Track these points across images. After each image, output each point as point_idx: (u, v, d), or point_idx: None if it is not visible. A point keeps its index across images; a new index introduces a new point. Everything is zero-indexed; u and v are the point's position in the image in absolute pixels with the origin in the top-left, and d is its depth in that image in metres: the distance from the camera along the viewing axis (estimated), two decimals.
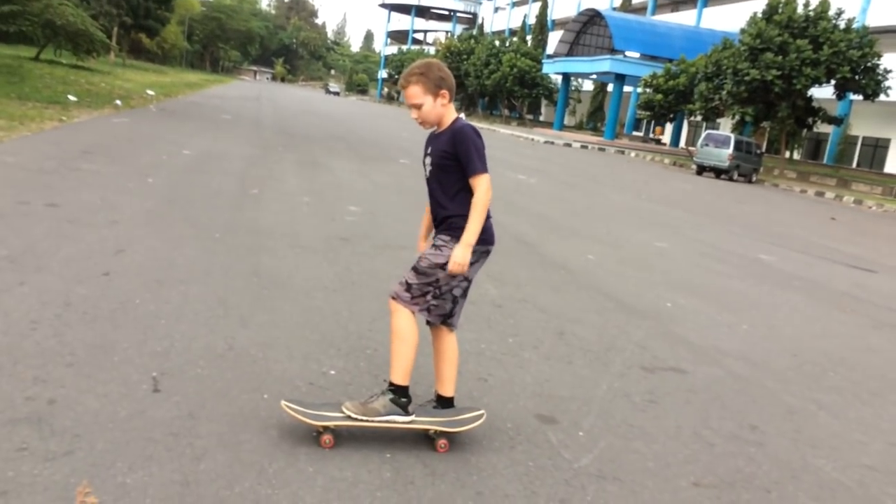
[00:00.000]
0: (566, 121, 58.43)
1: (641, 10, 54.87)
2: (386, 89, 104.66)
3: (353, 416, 2.92)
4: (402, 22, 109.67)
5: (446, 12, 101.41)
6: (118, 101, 19.91)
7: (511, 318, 5.06)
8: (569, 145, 38.07)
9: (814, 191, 26.19)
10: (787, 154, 34.67)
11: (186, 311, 4.24)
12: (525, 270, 6.70)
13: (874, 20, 33.24)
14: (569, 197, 13.83)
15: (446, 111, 3.03)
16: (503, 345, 4.46)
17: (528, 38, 64.68)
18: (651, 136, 51.91)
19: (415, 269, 3.02)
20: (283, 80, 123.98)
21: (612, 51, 45.16)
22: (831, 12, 27.40)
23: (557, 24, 63.92)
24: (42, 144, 10.30)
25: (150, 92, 26.82)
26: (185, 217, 6.86)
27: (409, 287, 3.01)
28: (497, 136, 39.04)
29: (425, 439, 3.04)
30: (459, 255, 2.88)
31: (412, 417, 3.00)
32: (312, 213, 8.17)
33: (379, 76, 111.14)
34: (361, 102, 77.35)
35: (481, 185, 2.92)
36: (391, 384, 2.99)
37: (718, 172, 27.48)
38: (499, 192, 12.66)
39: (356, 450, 2.90)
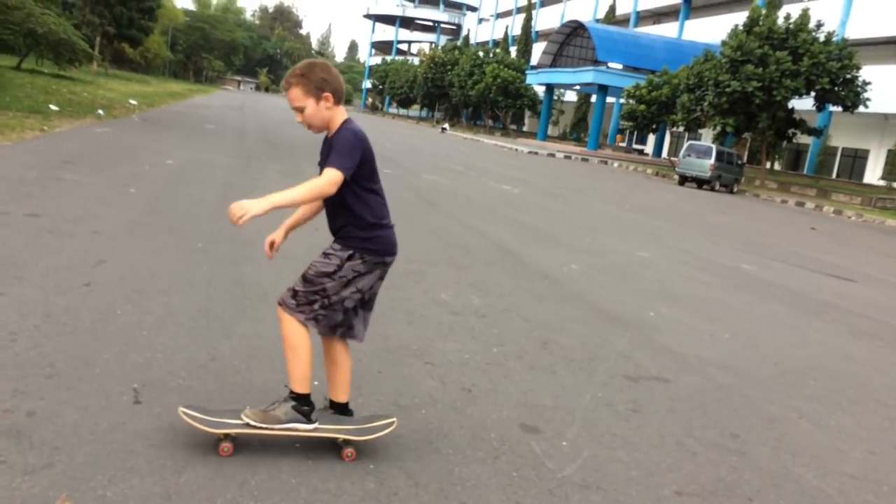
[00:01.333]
0: (549, 131, 58.75)
1: (624, 22, 55.40)
2: (370, 99, 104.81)
3: (253, 423, 2.83)
4: (386, 33, 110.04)
5: (431, 23, 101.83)
6: (100, 111, 19.78)
7: (495, 328, 5.06)
8: (552, 155, 38.26)
9: (794, 201, 26.46)
10: (768, 165, 35.03)
11: (168, 321, 4.21)
12: (508, 280, 6.72)
13: (853, 32, 33.73)
14: (552, 207, 13.89)
15: (334, 114, 2.85)
16: (487, 355, 4.46)
17: (513, 49, 65.05)
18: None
19: (303, 277, 2.91)
20: (267, 89, 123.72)
21: (596, 62, 45.56)
22: (811, 25, 27.80)
23: (541, 36, 64.42)
24: (22, 154, 10.21)
25: (132, 101, 26.68)
26: (168, 227, 6.82)
27: (295, 294, 2.90)
28: (481, 146, 39.17)
29: (332, 447, 2.96)
30: (249, 203, 2.59)
31: (315, 425, 2.91)
32: None
33: (363, 86, 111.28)
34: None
35: (326, 175, 2.69)
36: (292, 392, 2.91)
37: (700, 183, 27.72)
38: (482, 202, 12.73)
39: (339, 461, 2.88)
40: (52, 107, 17.83)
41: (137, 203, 7.84)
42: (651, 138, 50.00)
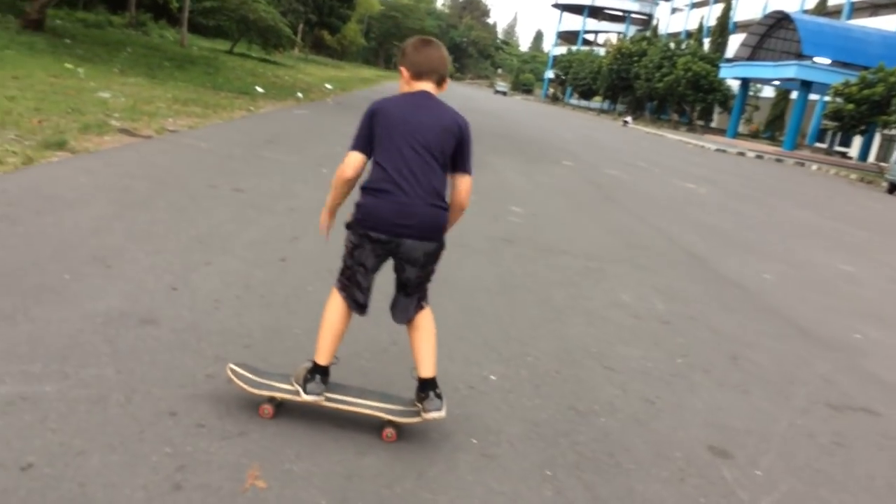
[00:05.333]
0: (740, 129, 55.42)
1: (836, 13, 50.93)
2: (551, 90, 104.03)
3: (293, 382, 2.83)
4: (573, 22, 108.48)
5: (620, 13, 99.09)
6: (299, 94, 21.03)
7: (680, 337, 4.78)
8: (742, 154, 36.02)
9: None
10: None
11: None
12: (694, 285, 6.35)
13: None
14: (742, 209, 13.03)
15: (403, 89, 2.90)
16: (671, 365, 4.21)
17: (706, 40, 61.89)
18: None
19: None
20: (451, 77, 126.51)
21: (800, 56, 42.20)
22: None
23: (739, 27, 60.67)
24: (231, 132, 11.03)
25: (328, 86, 28.16)
26: None
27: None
28: (664, 141, 37.68)
29: (378, 426, 2.84)
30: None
31: (311, 397, 2.74)
32: (476, 211, 8.17)
33: (545, 76, 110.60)
34: (526, 102, 77.31)
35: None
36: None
37: None
38: (666, 201, 12.18)
39: (516, 463, 2.81)
40: (258, 89, 19.18)
41: (328, 183, 8.19)
42: (857, 140, 45.75)
